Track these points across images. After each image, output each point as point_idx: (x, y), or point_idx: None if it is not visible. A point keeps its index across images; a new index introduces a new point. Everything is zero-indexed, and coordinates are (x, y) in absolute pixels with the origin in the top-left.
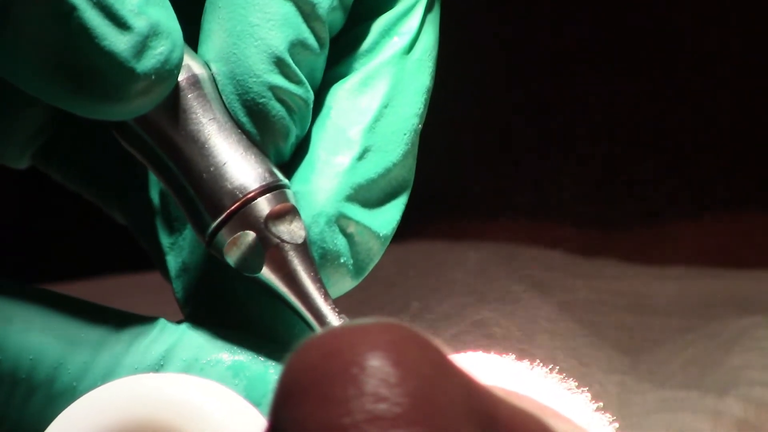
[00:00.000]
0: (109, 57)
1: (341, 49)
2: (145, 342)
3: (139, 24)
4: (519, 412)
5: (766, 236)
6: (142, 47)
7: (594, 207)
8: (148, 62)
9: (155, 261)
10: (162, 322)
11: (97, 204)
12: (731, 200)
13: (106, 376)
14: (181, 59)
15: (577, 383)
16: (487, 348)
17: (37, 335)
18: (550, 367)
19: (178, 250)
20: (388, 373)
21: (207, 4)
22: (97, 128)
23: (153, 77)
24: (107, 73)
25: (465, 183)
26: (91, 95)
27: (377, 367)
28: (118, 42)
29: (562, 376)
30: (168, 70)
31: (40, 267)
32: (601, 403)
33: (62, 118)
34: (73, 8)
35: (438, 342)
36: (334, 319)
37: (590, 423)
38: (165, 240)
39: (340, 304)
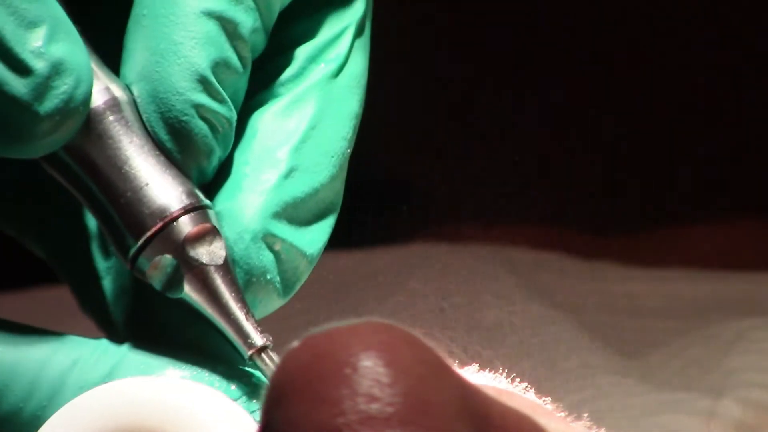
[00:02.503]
0: (11, 101)
1: (266, 76)
2: (90, 360)
3: (40, 66)
4: (511, 411)
5: (763, 240)
6: (43, 88)
7: (592, 211)
8: (50, 103)
9: (74, 291)
10: (104, 342)
11: (12, 236)
12: (729, 204)
13: (53, 397)
14: (87, 94)
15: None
16: (484, 350)
17: None
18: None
19: (115, 274)
20: (381, 373)
21: (130, 23)
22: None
23: (57, 117)
24: (10, 116)
25: (463, 186)
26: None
27: (370, 367)
28: (18, 86)
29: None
30: (73, 108)
31: None
32: (607, 401)
33: None
34: None
35: (430, 342)
36: (257, 338)
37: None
38: (101, 264)
39: (270, 322)
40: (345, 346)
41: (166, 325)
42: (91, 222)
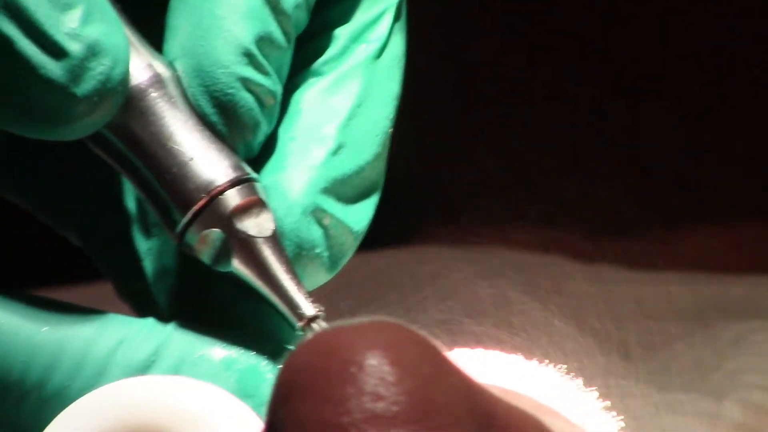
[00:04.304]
0: (47, 84)
1: (308, 55)
2: (136, 339)
3: (75, 47)
4: (516, 410)
5: (764, 242)
6: (80, 70)
7: (593, 213)
8: (87, 85)
9: (113, 280)
10: (151, 320)
11: (51, 225)
12: (730, 207)
13: (99, 375)
14: (124, 74)
15: (583, 381)
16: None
17: (27, 338)
18: (560, 367)
19: (156, 255)
20: (387, 371)
21: (171, 2)
22: (53, 145)
23: (94, 98)
24: (48, 99)
25: (462, 187)
26: (37, 121)
27: (375, 366)
28: (55, 68)
29: (569, 375)
30: (110, 89)
31: (19, 273)
32: (608, 402)
33: (14, 137)
34: (9, 41)
35: (436, 341)
36: (308, 308)
37: (598, 420)
38: (142, 246)
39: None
40: (350, 344)
41: (211, 304)
42: (130, 204)
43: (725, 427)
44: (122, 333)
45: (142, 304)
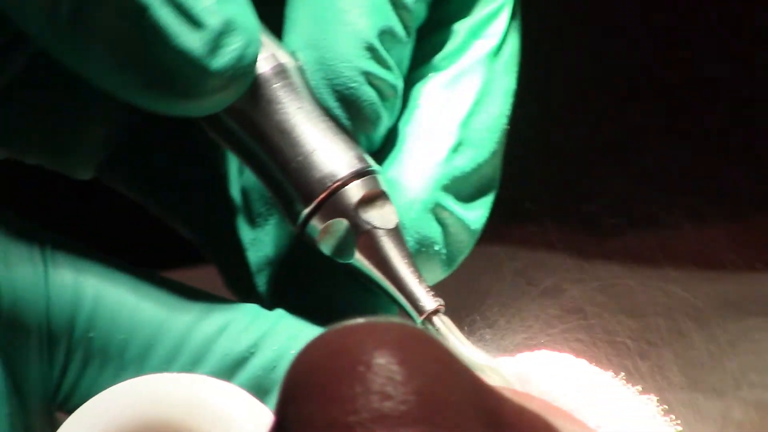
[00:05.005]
0: (182, 55)
1: (427, 49)
2: (239, 327)
3: (213, 21)
4: (526, 411)
5: (765, 238)
6: (215, 45)
7: (592, 209)
8: (222, 59)
9: (221, 270)
10: (256, 308)
11: (160, 216)
12: (730, 202)
13: (196, 361)
14: (256, 55)
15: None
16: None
17: (130, 315)
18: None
19: (259, 245)
20: (395, 371)
21: None
22: (162, 138)
23: (228, 74)
24: (181, 71)
25: None
26: (166, 93)
27: (383, 365)
28: (191, 40)
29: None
30: (243, 67)
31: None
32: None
33: (128, 130)
34: (147, 6)
35: (443, 341)
36: (429, 302)
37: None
38: (246, 236)
39: None
40: (359, 343)
41: (314, 296)
42: (236, 194)
43: (727, 426)
44: (225, 319)
45: (247, 294)
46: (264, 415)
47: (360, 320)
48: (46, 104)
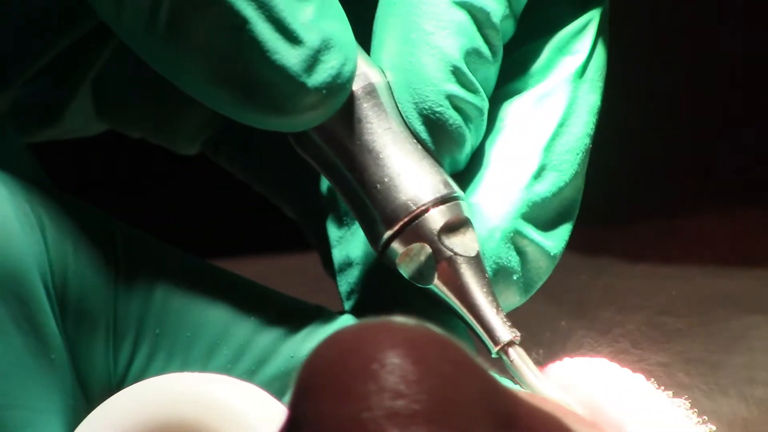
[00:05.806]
0: (279, 71)
1: (514, 65)
2: (305, 330)
3: (311, 38)
4: (539, 412)
5: (767, 235)
6: (313, 61)
7: (595, 205)
8: (319, 76)
9: (320, 253)
10: (325, 311)
11: (265, 195)
12: (734, 199)
13: (262, 362)
14: (353, 72)
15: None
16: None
17: (198, 312)
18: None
19: (344, 244)
20: (408, 370)
21: (379, 11)
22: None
23: (324, 91)
24: (277, 86)
25: None
26: (261, 108)
27: (397, 364)
28: (289, 56)
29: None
30: (340, 84)
31: (210, 242)
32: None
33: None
34: (245, 21)
35: (457, 341)
36: (505, 334)
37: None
38: (333, 233)
39: None
40: (373, 342)
41: (387, 304)
42: (326, 191)
43: (728, 423)
44: (293, 321)
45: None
46: (281, 414)
47: (375, 319)
48: (152, 79)
